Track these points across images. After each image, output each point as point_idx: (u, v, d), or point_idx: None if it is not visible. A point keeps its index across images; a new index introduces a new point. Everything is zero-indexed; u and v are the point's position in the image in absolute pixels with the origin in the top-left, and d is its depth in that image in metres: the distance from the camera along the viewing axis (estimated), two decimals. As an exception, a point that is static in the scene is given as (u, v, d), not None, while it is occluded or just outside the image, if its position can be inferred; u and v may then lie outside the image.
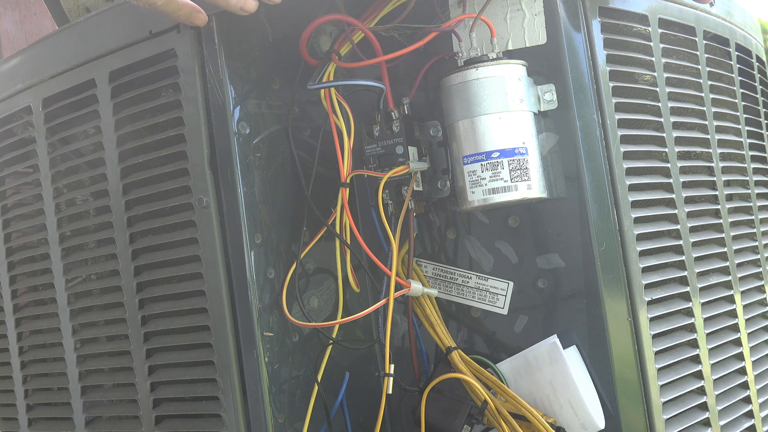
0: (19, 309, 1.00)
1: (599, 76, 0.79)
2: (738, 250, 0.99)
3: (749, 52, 1.12)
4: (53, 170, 0.92)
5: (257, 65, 0.82)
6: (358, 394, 0.85)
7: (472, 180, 0.77)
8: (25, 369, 1.00)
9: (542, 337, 0.79)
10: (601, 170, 0.78)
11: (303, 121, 0.86)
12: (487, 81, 0.76)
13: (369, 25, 0.80)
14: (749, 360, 0.96)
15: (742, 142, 1.04)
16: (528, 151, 0.76)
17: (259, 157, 0.80)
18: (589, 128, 0.78)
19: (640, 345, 0.78)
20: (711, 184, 0.95)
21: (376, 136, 0.82)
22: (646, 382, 0.79)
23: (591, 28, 0.80)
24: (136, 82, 0.84)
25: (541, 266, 0.81)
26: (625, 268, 0.78)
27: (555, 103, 0.78)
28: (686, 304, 0.86)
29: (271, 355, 0.78)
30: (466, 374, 0.78)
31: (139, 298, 0.84)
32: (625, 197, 0.79)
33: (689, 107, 0.93)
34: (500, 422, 0.76)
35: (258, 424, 0.77)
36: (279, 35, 0.83)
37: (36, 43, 0.97)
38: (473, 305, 0.84)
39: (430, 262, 0.86)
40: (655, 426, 0.78)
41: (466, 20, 0.80)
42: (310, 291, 0.84)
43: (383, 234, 0.80)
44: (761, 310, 1.04)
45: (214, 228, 0.78)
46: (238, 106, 0.79)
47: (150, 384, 0.84)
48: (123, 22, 0.84)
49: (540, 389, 0.78)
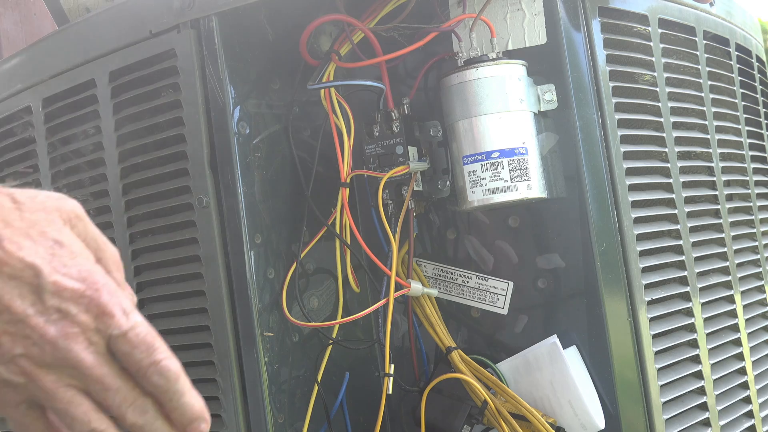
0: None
1: (599, 76, 0.79)
2: (738, 250, 0.99)
3: (749, 52, 1.12)
4: (53, 170, 0.92)
5: (257, 65, 0.82)
6: (358, 394, 0.85)
7: (472, 180, 0.77)
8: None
9: (542, 337, 0.79)
10: (601, 170, 0.78)
11: (303, 121, 0.86)
12: (487, 81, 0.76)
13: (369, 25, 0.80)
14: (749, 360, 0.96)
15: (742, 142, 1.04)
16: (528, 151, 0.76)
17: (259, 157, 0.80)
18: (589, 128, 0.78)
19: (640, 345, 0.78)
20: (711, 184, 0.95)
21: (376, 136, 0.82)
22: (646, 382, 0.78)
23: (591, 28, 0.80)
24: (136, 82, 0.84)
25: (541, 266, 0.81)
26: (625, 268, 0.78)
27: (555, 103, 0.78)
28: (686, 304, 0.86)
29: (271, 355, 0.78)
30: (466, 374, 0.78)
31: (139, 298, 0.84)
32: (625, 197, 0.79)
33: (689, 107, 0.93)
34: (500, 422, 0.76)
35: (258, 424, 0.77)
36: (279, 35, 0.83)
37: (36, 43, 0.97)
38: (473, 305, 0.84)
39: (430, 262, 0.86)
40: (655, 426, 0.78)
41: (466, 20, 0.80)
42: (310, 291, 0.84)
43: (383, 234, 0.80)
44: (761, 310, 1.04)
45: (214, 228, 0.78)
46: (238, 106, 0.79)
47: (150, 384, 0.84)
48: (123, 22, 0.84)
49: (540, 389, 0.78)
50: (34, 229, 0.50)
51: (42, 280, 0.49)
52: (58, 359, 0.50)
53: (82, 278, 0.51)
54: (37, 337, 0.49)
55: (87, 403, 0.52)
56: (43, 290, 0.49)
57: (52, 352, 0.50)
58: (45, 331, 0.49)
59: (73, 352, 0.50)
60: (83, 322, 0.50)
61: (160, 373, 0.53)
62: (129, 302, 0.52)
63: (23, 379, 0.50)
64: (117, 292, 0.52)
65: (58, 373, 0.50)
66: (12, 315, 0.49)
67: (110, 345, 0.51)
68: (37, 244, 0.50)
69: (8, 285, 0.49)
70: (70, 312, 0.50)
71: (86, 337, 0.51)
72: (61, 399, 0.51)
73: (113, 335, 0.51)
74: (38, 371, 0.50)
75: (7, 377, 0.50)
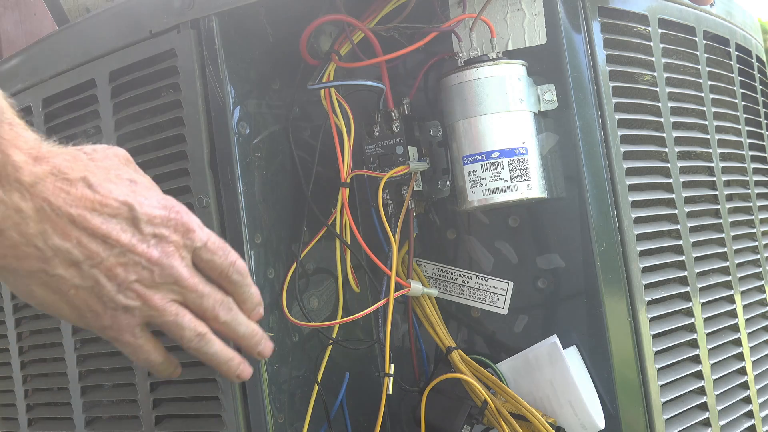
0: (19, 309, 1.00)
1: (599, 76, 0.79)
2: (738, 250, 0.99)
3: (749, 52, 1.12)
4: (53, 170, 0.92)
5: (257, 65, 0.82)
6: (358, 394, 0.85)
7: (472, 180, 0.77)
8: (25, 369, 1.00)
9: (542, 337, 0.79)
10: (601, 170, 0.78)
11: (303, 121, 0.86)
12: (487, 81, 0.76)
13: (369, 25, 0.80)
14: (749, 360, 0.97)
15: (742, 142, 1.04)
16: (528, 151, 0.76)
17: (259, 157, 0.80)
18: (589, 128, 0.78)
19: (640, 345, 0.78)
20: (711, 184, 0.95)
21: (376, 136, 0.82)
22: (646, 382, 0.79)
23: (591, 28, 0.80)
24: (136, 82, 0.84)
25: (541, 266, 0.81)
26: (625, 268, 0.78)
27: (555, 103, 0.79)
28: (686, 304, 0.86)
29: (271, 355, 0.78)
30: (466, 374, 0.78)
31: (139, 298, 0.84)
32: (625, 197, 0.79)
33: (689, 107, 0.93)
34: (500, 422, 0.76)
35: (258, 424, 0.77)
36: (279, 35, 0.83)
37: (36, 43, 0.97)
38: (473, 305, 0.84)
39: (430, 262, 0.86)
40: (655, 426, 0.78)
41: (466, 20, 0.80)
42: (310, 291, 0.84)
43: (383, 234, 0.80)
44: (761, 310, 1.04)
45: (214, 228, 0.78)
46: (238, 106, 0.79)
47: (150, 384, 0.84)
48: (123, 22, 0.84)
49: (540, 389, 0.78)
50: (111, 173, 0.59)
51: (136, 213, 0.58)
52: (164, 277, 0.59)
53: (163, 206, 0.60)
54: (145, 262, 0.58)
55: (189, 312, 0.61)
56: (139, 221, 0.58)
57: (160, 271, 0.59)
58: (150, 255, 0.58)
59: (175, 268, 0.59)
60: (175, 241, 0.60)
61: (237, 271, 0.64)
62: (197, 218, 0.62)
63: (139, 302, 0.59)
64: (189, 211, 0.62)
65: (163, 290, 0.59)
66: (122, 247, 0.57)
67: (194, 257, 0.61)
68: (119, 185, 0.58)
69: (111, 223, 0.57)
70: (164, 234, 0.59)
71: (180, 254, 0.60)
72: (170, 312, 0.60)
73: (197, 247, 0.61)
74: (149, 292, 0.59)
75: (126, 303, 0.58)
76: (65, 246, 0.55)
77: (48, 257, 0.55)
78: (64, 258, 0.55)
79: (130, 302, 0.58)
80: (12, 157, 0.53)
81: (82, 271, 0.56)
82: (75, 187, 0.56)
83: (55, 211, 0.54)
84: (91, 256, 0.56)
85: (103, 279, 0.57)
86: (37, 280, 0.56)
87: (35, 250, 0.55)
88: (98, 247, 0.56)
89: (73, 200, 0.55)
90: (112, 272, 0.57)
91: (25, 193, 0.54)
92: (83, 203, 0.56)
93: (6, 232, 0.54)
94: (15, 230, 0.54)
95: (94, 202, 0.56)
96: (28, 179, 0.54)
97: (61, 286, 0.56)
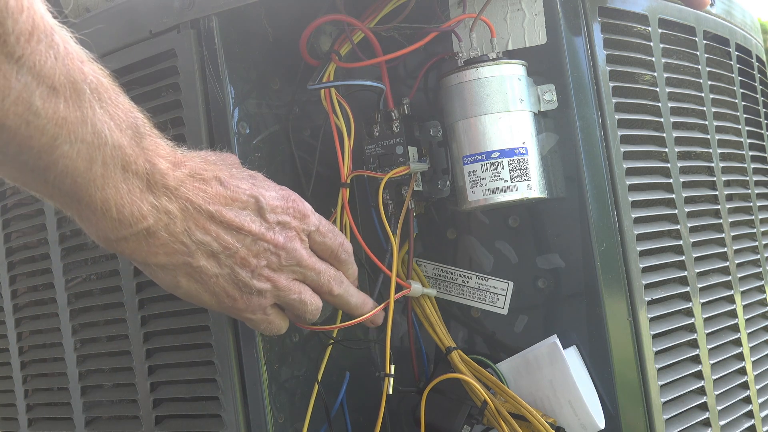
0: (19, 309, 1.00)
1: (599, 76, 0.79)
2: (738, 250, 0.99)
3: (749, 52, 1.12)
4: (53, 170, 0.92)
5: (257, 65, 0.82)
6: (359, 395, 0.85)
7: (472, 180, 0.77)
8: (25, 369, 1.00)
9: (542, 337, 0.79)
10: (601, 170, 0.78)
11: (303, 121, 0.86)
12: (487, 81, 0.76)
13: (369, 25, 0.80)
14: (749, 360, 0.97)
15: (742, 142, 1.04)
16: (528, 151, 0.76)
17: (259, 157, 0.80)
18: (589, 128, 0.78)
19: (640, 345, 0.78)
20: (711, 184, 0.95)
21: (376, 136, 0.82)
22: (646, 382, 0.79)
23: (591, 28, 0.80)
24: (135, 82, 0.84)
25: (541, 266, 0.81)
26: (625, 268, 0.78)
27: (555, 103, 0.79)
28: (686, 304, 0.86)
29: (271, 355, 0.78)
30: (465, 374, 0.78)
31: (139, 298, 0.84)
32: (625, 197, 0.79)
33: (689, 107, 0.93)
34: (500, 422, 0.76)
35: (258, 424, 0.77)
36: (279, 35, 0.83)
37: (36, 43, 0.96)
38: (473, 305, 0.84)
39: (430, 262, 0.86)
40: (655, 426, 0.79)
41: (466, 20, 0.80)
42: (310, 291, 0.84)
43: (383, 234, 0.80)
44: (761, 310, 1.04)
45: (214, 228, 0.77)
46: (238, 106, 0.79)
47: (150, 384, 0.84)
48: (123, 22, 0.84)
49: (540, 389, 0.78)
50: (234, 171, 0.66)
51: (261, 203, 0.65)
52: (289, 260, 0.66)
53: (281, 196, 0.67)
54: (273, 248, 0.65)
55: (308, 288, 0.69)
56: (264, 211, 0.65)
57: (285, 255, 0.66)
58: (277, 241, 0.65)
59: (297, 251, 0.67)
60: (296, 226, 0.67)
61: (345, 251, 0.72)
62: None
63: (269, 284, 0.66)
64: (303, 199, 0.69)
65: (286, 272, 0.67)
66: (253, 236, 0.64)
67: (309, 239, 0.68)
68: (243, 180, 0.65)
69: (242, 214, 0.64)
70: (286, 221, 0.66)
71: (300, 237, 0.67)
72: (295, 290, 0.68)
73: (311, 231, 0.68)
74: (276, 275, 0.66)
75: (259, 287, 0.65)
76: (206, 239, 0.62)
77: (192, 251, 0.62)
78: (205, 250, 0.62)
79: (263, 285, 0.65)
80: (158, 166, 0.60)
81: (220, 261, 0.63)
82: (210, 186, 0.63)
83: (196, 209, 0.61)
84: (228, 247, 0.63)
85: (238, 267, 0.64)
86: (183, 272, 0.63)
87: (182, 246, 0.62)
88: (233, 238, 0.63)
89: (211, 198, 0.62)
90: (245, 260, 0.64)
91: (171, 196, 0.60)
92: (219, 199, 0.63)
93: (158, 233, 0.60)
94: (165, 230, 0.60)
95: (227, 198, 0.63)
96: (172, 183, 0.61)
97: (203, 276, 0.64)
